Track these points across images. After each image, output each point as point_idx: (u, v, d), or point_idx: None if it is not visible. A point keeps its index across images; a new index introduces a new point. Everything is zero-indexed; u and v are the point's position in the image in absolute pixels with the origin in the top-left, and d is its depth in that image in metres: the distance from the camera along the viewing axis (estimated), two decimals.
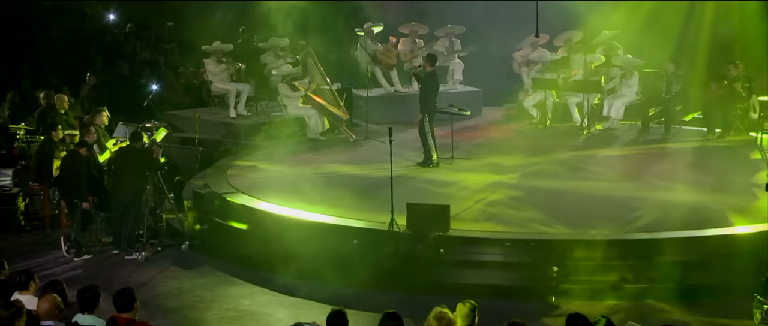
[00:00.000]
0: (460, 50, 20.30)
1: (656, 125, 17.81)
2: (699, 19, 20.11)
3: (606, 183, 14.49)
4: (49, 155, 14.23)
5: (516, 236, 12.11)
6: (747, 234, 11.90)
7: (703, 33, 19.88)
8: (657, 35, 19.17)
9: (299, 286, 11.82)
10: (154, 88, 19.12)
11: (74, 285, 9.11)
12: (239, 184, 14.61)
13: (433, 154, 15.53)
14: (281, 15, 20.52)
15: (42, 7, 23.41)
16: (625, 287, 11.36)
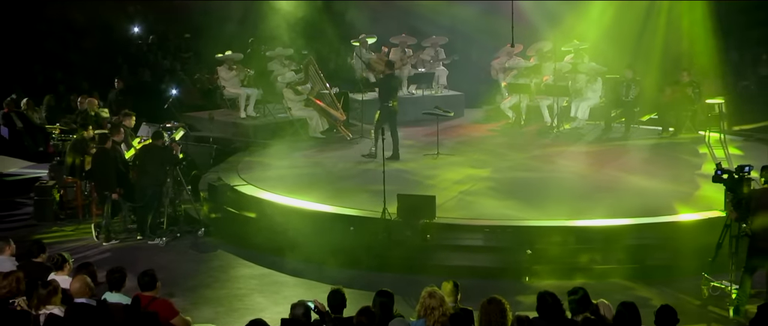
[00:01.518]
0: (444, 59, 20.29)
1: (617, 125, 17.83)
2: (653, 32, 20.17)
3: (574, 176, 14.50)
4: (81, 151, 14.20)
5: (494, 223, 12.11)
6: (695, 221, 11.95)
7: (657, 44, 19.94)
8: (617, 45, 19.20)
9: (302, 268, 11.81)
10: (173, 92, 19.08)
11: (103, 267, 9.15)
12: (249, 177, 14.59)
13: (373, 146, 15.50)
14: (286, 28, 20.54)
15: (75, 21, 23.35)
16: (592, 268, 11.37)
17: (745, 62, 21.52)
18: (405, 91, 19.98)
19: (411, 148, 16.66)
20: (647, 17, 20.38)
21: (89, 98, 17.31)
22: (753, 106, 18.86)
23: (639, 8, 20.26)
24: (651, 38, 20.18)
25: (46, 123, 18.51)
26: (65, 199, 14.47)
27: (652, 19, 20.40)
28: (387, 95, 15.62)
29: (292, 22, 21.12)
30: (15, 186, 16.40)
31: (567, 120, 18.05)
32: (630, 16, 20.01)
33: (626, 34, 19.63)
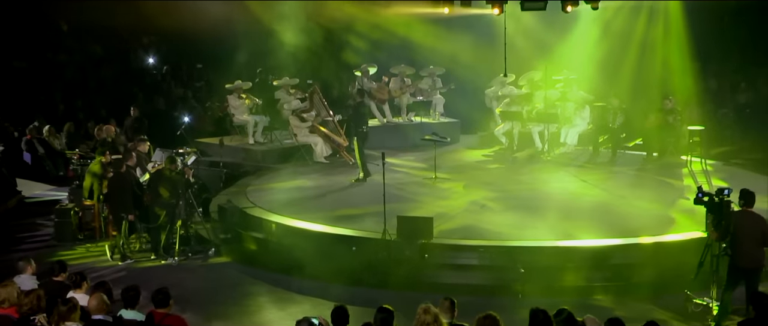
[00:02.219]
0: (441, 87, 20.34)
1: (604, 150, 17.82)
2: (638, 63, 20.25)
3: (564, 198, 14.48)
4: (99, 176, 14.22)
5: (488, 243, 12.12)
6: (678, 241, 11.98)
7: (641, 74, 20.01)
8: (604, 75, 19.25)
9: (307, 286, 11.80)
10: (185, 119, 19.12)
11: (119, 285, 9.14)
12: (257, 200, 14.60)
13: (364, 171, 15.72)
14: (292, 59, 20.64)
15: (94, 52, 23.43)
16: (581, 285, 11.36)
17: (723, 90, 21.56)
18: (404, 117, 20.03)
19: (410, 171, 16.68)
20: (633, 48, 20.48)
21: (106, 125, 17.37)
22: (732, 132, 18.88)
23: (625, 40, 20.36)
24: (636, 68, 20.26)
25: (66, 149, 18.54)
26: (83, 221, 14.45)
27: (638, 50, 20.49)
28: (360, 121, 15.92)
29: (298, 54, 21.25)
30: (37, 208, 16.42)
31: (557, 145, 18.07)
32: (616, 48, 20.10)
33: (613, 65, 19.71)
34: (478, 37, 19.84)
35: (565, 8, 15.22)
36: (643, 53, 20.72)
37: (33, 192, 17.44)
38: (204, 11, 21.97)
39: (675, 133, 17.34)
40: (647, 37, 20.88)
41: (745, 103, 20.96)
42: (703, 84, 20.92)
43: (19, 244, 14.26)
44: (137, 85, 22.49)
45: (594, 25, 19.68)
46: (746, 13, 22.71)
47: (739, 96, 21.22)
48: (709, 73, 21.63)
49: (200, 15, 22.04)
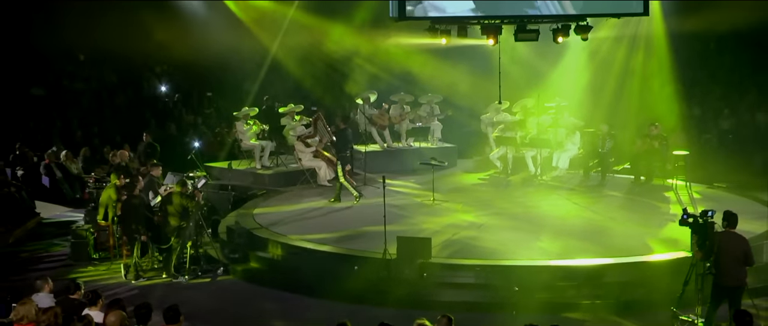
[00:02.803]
0: (438, 114, 20.37)
1: (594, 173, 17.83)
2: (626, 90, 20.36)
3: (556, 220, 14.48)
4: (114, 198, 14.24)
5: (484, 262, 12.13)
6: (665, 261, 11.99)
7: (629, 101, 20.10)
8: (594, 102, 19.33)
9: (311, 304, 11.81)
10: (196, 144, 19.15)
11: (132, 303, 9.13)
12: (263, 221, 14.60)
13: (348, 193, 15.89)
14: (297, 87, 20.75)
15: (109, 80, 23.52)
16: (573, 303, 11.36)
17: (707, 117, 21.63)
18: (404, 143, 20.06)
19: (409, 193, 16.69)
20: (621, 77, 20.61)
21: (120, 150, 17.41)
22: (715, 156, 18.92)
23: (613, 69, 20.49)
24: (624, 96, 20.37)
25: (82, 173, 18.59)
26: (99, 241, 14.45)
27: (625, 79, 20.63)
28: (343, 146, 16.00)
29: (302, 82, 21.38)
30: (54, 229, 16.45)
31: (549, 169, 18.08)
32: (605, 76, 20.22)
33: (602, 92, 19.81)
34: (474, 66, 19.95)
35: (556, 39, 15.27)
36: (631, 81, 20.85)
37: (51, 214, 17.47)
38: (213, 42, 22.10)
39: (661, 158, 17.38)
40: (634, 66, 21.01)
41: (727, 129, 21.02)
42: (687, 111, 21.02)
43: (37, 263, 14.28)
44: (150, 111, 22.56)
45: (584, 55, 19.81)
46: (729, 43, 22.86)
47: (722, 122, 21.28)
48: (693, 101, 21.72)
49: (210, 46, 22.18)
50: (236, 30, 22.17)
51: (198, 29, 22.11)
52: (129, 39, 21.87)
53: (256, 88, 21.73)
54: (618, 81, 20.53)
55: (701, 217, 10.20)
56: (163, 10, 21.81)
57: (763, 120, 20.90)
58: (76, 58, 23.86)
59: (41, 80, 22.69)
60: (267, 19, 22.34)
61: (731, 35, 22.19)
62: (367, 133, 19.53)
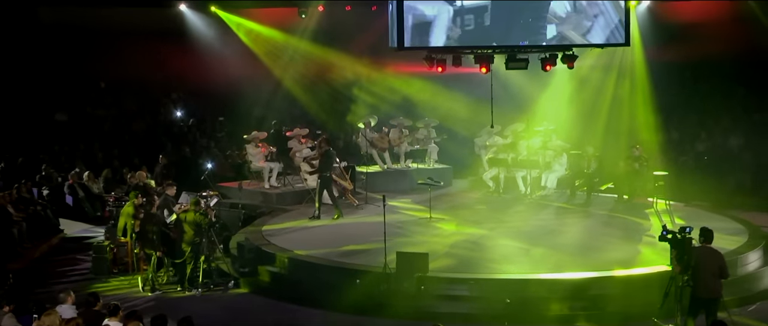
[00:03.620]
0: (435, 137, 20.39)
1: (580, 193, 17.84)
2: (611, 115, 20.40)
3: (544, 236, 14.48)
4: (132, 216, 14.25)
5: (477, 276, 12.10)
6: (647, 274, 11.96)
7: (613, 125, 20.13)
8: (580, 126, 19.35)
9: (316, 315, 11.78)
10: (209, 166, 19.13)
11: (149, 314, 9.14)
12: (271, 237, 14.59)
13: (335, 210, 15.99)
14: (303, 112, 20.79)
15: (128, 107, 23.59)
16: (561, 314, 11.33)
17: (684, 140, 21.66)
18: (403, 164, 20.07)
19: (408, 211, 16.69)
20: (605, 102, 20.67)
21: (138, 171, 17.43)
22: (692, 177, 18.93)
23: (598, 95, 20.55)
24: (608, 120, 20.41)
25: (103, 192, 18.60)
26: (118, 256, 14.45)
27: (609, 104, 20.69)
28: (326, 167, 16.03)
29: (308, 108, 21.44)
30: (76, 245, 16.44)
31: (538, 189, 18.09)
32: (590, 102, 20.28)
33: (587, 117, 19.85)
34: (467, 92, 20.02)
35: (544, 67, 15.32)
36: (614, 107, 20.90)
37: (74, 231, 17.46)
38: (225, 71, 22.20)
39: (642, 178, 17.38)
40: (617, 93, 21.07)
41: (703, 152, 21.03)
42: (666, 134, 21.06)
43: (61, 277, 14.26)
44: (166, 135, 22.61)
45: (570, 82, 19.88)
46: (704, 72, 22.95)
47: (698, 145, 21.30)
48: (671, 125, 21.75)
49: (222, 74, 22.28)
50: (247, 60, 22.28)
51: (211, 59, 22.20)
52: (147, 68, 22.02)
53: (265, 114, 21.75)
54: (602, 106, 20.59)
55: (679, 233, 10.19)
56: (179, 42, 21.91)
57: (735, 143, 20.94)
58: (98, 86, 23.94)
59: (65, 106, 22.77)
60: (276, 50, 22.48)
61: (706, 65, 22.33)
62: (368, 154, 19.53)
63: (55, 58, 21.66)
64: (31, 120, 21.63)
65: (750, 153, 20.39)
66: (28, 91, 22.16)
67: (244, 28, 22.29)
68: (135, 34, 21.50)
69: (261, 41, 22.39)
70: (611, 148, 19.09)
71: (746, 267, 12.83)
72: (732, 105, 22.48)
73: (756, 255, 13.18)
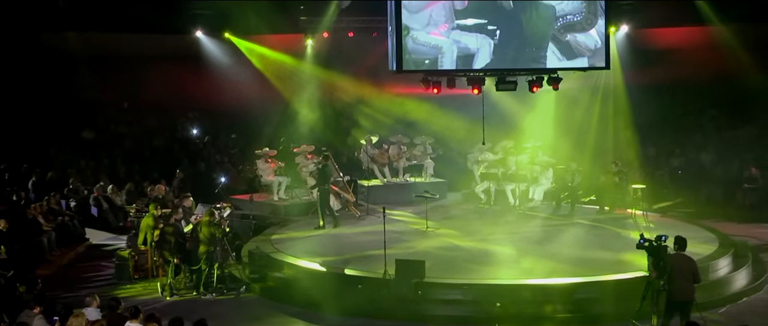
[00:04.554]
0: (431, 153, 20.44)
1: (565, 204, 17.85)
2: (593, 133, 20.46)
3: (532, 244, 14.48)
4: (151, 226, 14.27)
5: (470, 281, 12.10)
6: (626, 279, 11.94)
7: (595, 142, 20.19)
8: (565, 143, 19.39)
9: (321, 318, 11.76)
10: (222, 179, 19.18)
11: (166, 316, 9.14)
12: (280, 246, 14.59)
13: (332, 220, 15.98)
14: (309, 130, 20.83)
15: (149, 125, 23.64)
16: (548, 316, 11.31)
17: (660, 156, 21.72)
18: (401, 178, 20.11)
19: (406, 222, 16.69)
20: (587, 121, 20.73)
21: (158, 185, 17.45)
22: (668, 189, 18.98)
23: (582, 114, 20.61)
24: (590, 137, 20.46)
25: (125, 204, 18.61)
26: (138, 263, 14.45)
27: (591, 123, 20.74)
28: (323, 180, 15.99)
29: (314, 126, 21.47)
30: (101, 252, 16.44)
31: (526, 201, 18.08)
32: (574, 120, 20.33)
33: (571, 135, 19.90)
34: (461, 112, 20.07)
35: (531, 89, 15.38)
36: (596, 125, 20.96)
37: (98, 240, 17.44)
38: (238, 92, 22.27)
39: (622, 191, 17.41)
40: (599, 112, 21.14)
41: (677, 166, 21.11)
42: (644, 150, 21.14)
43: (87, 282, 14.25)
44: (183, 151, 22.66)
45: (556, 103, 19.93)
46: (678, 93, 23.06)
47: (673, 160, 21.37)
48: (649, 142, 21.83)
49: (235, 95, 22.35)
50: (258, 82, 22.34)
51: (225, 81, 22.28)
52: (166, 90, 22.06)
53: (274, 132, 21.80)
54: (584, 125, 20.66)
55: (656, 241, 10.22)
56: (195, 66, 22.01)
57: (707, 159, 21.01)
58: (121, 107, 24.01)
59: (92, 125, 22.83)
60: (285, 72, 22.55)
61: (680, 87, 22.48)
62: (369, 169, 19.60)
63: (83, 81, 21.72)
64: (61, 137, 21.68)
65: (721, 168, 20.47)
66: (58, 111, 22.23)
67: (256, 52, 22.36)
68: (155, 58, 21.59)
69: (271, 65, 22.47)
70: (593, 163, 19.14)
71: (717, 273, 12.84)
72: (704, 123, 22.60)
73: (726, 261, 13.20)
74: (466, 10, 14.40)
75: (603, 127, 21.00)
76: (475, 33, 14.42)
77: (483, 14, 14.42)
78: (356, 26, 20.62)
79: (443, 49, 14.42)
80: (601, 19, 14.73)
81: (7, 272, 12.47)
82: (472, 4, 14.40)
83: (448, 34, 14.39)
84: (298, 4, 19.59)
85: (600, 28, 14.75)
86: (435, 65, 14.53)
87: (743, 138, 21.32)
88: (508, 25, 14.39)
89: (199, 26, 21.47)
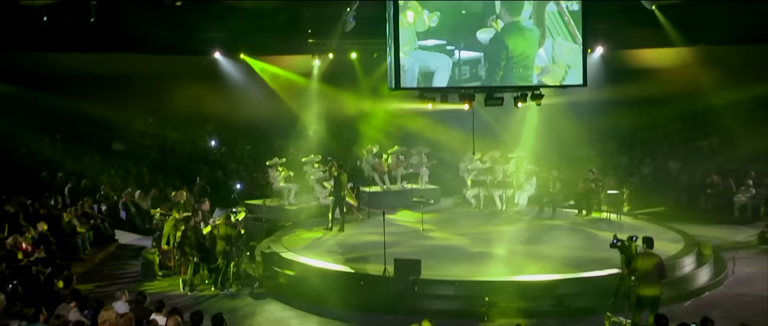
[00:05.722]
0: (426, 162, 20.46)
1: (547, 208, 17.89)
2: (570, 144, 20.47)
3: (518, 244, 14.49)
4: (174, 228, 14.28)
5: (461, 279, 12.11)
6: (601, 276, 11.97)
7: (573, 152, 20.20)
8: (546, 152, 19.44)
9: (327, 311, 11.76)
10: (238, 186, 19.17)
11: (187, 310, 9.17)
12: (290, 246, 14.60)
13: (339, 224, 15.91)
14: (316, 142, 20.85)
15: (172, 137, 23.64)
16: (531, 310, 11.33)
17: (632, 164, 21.76)
18: (399, 185, 20.11)
19: (403, 224, 16.69)
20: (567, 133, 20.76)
21: (179, 191, 17.46)
22: (638, 195, 19.01)
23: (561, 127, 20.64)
24: (569, 148, 20.50)
25: (150, 208, 18.60)
26: (162, 262, 14.47)
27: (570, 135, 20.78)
28: (338, 189, 15.94)
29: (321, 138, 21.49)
30: (129, 252, 16.43)
31: (512, 205, 18.12)
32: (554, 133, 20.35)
33: (552, 145, 19.94)
34: (453, 125, 20.11)
35: (516, 104, 15.41)
36: (575, 136, 21.01)
37: (126, 240, 17.44)
38: (251, 107, 22.33)
39: (597, 196, 17.45)
40: (577, 125, 21.19)
41: (647, 174, 21.15)
42: (617, 159, 21.18)
43: (116, 279, 14.25)
44: (202, 161, 22.68)
45: (538, 116, 19.97)
46: (648, 107, 23.11)
47: (643, 168, 21.41)
48: (621, 151, 21.89)
49: (248, 110, 22.41)
50: (270, 98, 22.40)
51: (240, 98, 22.33)
52: (187, 106, 22.10)
53: (284, 143, 21.83)
54: (564, 136, 20.69)
55: (627, 241, 10.25)
56: (213, 84, 22.07)
57: (673, 167, 21.05)
58: (147, 121, 24.05)
59: (121, 138, 22.86)
60: (294, 89, 22.61)
61: (649, 102, 22.52)
62: (370, 177, 19.61)
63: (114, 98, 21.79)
64: (94, 149, 21.71)
65: (686, 175, 20.52)
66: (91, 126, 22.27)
67: (268, 72, 22.44)
68: (178, 77, 21.64)
69: (281, 83, 22.53)
70: (572, 171, 19.17)
71: (683, 270, 12.87)
72: (671, 135, 22.65)
73: (691, 259, 13.23)
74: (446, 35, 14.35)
75: (580, 138, 21.06)
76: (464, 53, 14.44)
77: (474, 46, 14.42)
78: (358, 48, 20.68)
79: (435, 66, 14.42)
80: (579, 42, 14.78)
81: (46, 269, 12.47)
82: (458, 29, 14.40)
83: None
84: (306, 28, 19.67)
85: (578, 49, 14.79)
86: (429, 82, 14.53)
87: (705, 148, 21.40)
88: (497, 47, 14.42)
89: (217, 48, 21.53)
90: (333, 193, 16.35)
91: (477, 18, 13.87)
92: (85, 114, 21.74)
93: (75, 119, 21.85)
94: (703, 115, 21.85)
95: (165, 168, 21.93)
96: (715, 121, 21.56)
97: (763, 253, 14.81)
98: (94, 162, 21.10)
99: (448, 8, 13.84)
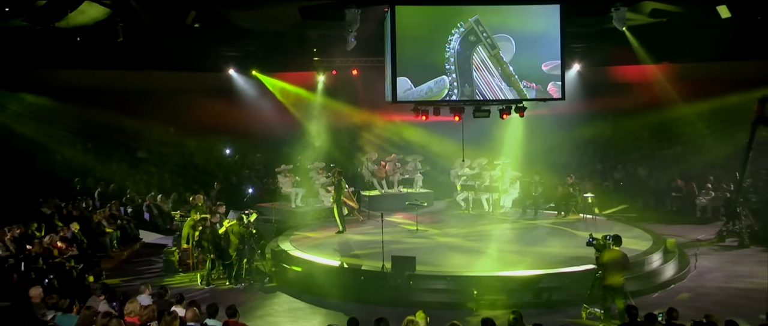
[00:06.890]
0: (420, 169, 20.45)
1: (529, 210, 17.88)
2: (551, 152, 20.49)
3: (503, 243, 14.47)
4: (192, 228, 14.28)
5: (453, 273, 12.13)
6: (578, 271, 11.98)
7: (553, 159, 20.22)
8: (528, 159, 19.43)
9: (330, 303, 11.78)
10: (250, 191, 19.17)
11: (204, 302, 9.17)
12: (297, 245, 14.59)
13: (341, 224, 15.79)
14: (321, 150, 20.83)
15: (191, 146, 23.62)
16: (515, 301, 11.32)
17: (606, 170, 21.79)
18: (396, 189, 20.10)
19: (400, 225, 16.68)
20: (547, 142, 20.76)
21: (197, 195, 17.43)
22: (612, 198, 19.02)
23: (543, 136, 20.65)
24: (549, 156, 20.50)
25: (171, 210, 18.60)
26: (182, 259, 14.46)
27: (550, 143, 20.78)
28: (339, 194, 15.89)
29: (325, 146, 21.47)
30: (152, 250, 16.43)
31: (498, 208, 18.11)
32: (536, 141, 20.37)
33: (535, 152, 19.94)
34: (445, 134, 20.11)
35: (501, 116, 15.47)
36: (554, 145, 21.01)
37: (149, 239, 17.43)
38: (263, 119, 22.32)
39: (575, 199, 17.46)
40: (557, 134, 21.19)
41: (619, 179, 21.17)
42: (592, 166, 21.19)
43: (141, 274, 14.25)
44: (218, 167, 22.66)
45: (522, 127, 20.00)
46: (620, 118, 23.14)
47: (616, 174, 21.44)
48: (596, 158, 21.90)
49: (260, 121, 22.39)
50: (279, 111, 22.40)
51: (252, 110, 22.33)
52: (204, 117, 22.09)
53: (292, 151, 21.83)
54: (545, 145, 20.70)
55: (601, 240, 10.28)
56: (228, 98, 22.07)
57: (643, 172, 21.09)
58: (169, 131, 24.04)
59: (145, 147, 22.85)
60: (301, 102, 22.61)
61: (621, 113, 22.54)
62: (370, 182, 19.61)
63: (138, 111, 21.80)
64: (120, 157, 21.71)
65: (653, 180, 20.57)
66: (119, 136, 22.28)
67: (277, 87, 22.44)
68: (196, 92, 21.67)
69: (289, 97, 22.53)
70: (552, 176, 19.17)
71: (651, 265, 12.89)
72: (640, 144, 22.69)
73: (658, 256, 13.25)
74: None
75: (560, 146, 21.07)
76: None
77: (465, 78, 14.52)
78: (359, 65, 20.72)
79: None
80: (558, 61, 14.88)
81: (78, 265, 12.48)
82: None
83: None
84: (311, 47, 19.72)
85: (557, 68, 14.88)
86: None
87: (670, 156, 21.47)
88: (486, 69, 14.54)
89: (231, 66, 21.55)
90: (335, 198, 16.36)
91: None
92: (113, 125, 21.74)
93: (105, 129, 21.84)
94: (669, 125, 21.92)
95: (184, 174, 21.92)
96: (679, 131, 21.65)
97: (721, 250, 14.88)
98: (121, 168, 21.10)
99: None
